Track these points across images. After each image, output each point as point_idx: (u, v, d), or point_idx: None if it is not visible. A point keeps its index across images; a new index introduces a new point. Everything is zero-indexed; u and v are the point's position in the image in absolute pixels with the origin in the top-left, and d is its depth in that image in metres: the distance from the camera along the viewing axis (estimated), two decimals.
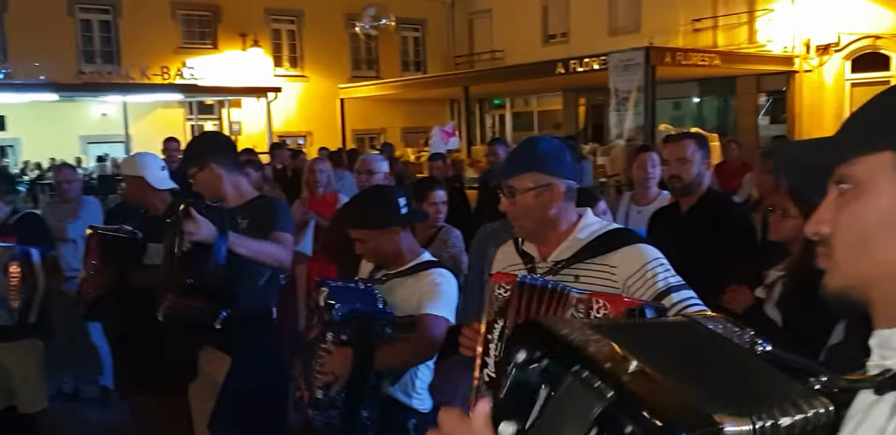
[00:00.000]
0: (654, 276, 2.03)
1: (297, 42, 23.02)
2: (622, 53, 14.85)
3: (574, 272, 2.11)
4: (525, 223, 2.18)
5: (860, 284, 0.84)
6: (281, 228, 3.13)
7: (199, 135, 4.14)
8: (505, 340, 1.85)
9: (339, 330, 2.48)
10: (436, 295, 2.66)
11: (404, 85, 21.36)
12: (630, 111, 14.81)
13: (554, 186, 2.14)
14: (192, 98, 20.58)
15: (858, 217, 0.84)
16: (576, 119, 22.61)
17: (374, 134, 23.73)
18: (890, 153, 0.83)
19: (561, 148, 2.23)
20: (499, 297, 1.92)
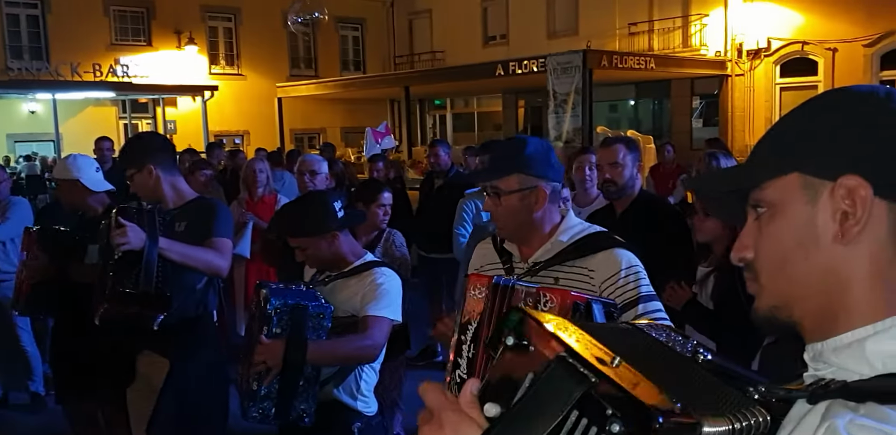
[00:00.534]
0: (626, 283, 2.05)
1: (234, 40, 22.68)
2: (560, 56, 15.02)
3: (553, 274, 2.11)
4: (508, 224, 2.17)
5: (784, 304, 0.87)
6: (219, 233, 3.07)
7: (137, 135, 4.01)
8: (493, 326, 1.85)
9: (273, 322, 2.45)
10: (378, 295, 2.65)
11: (344, 84, 21.22)
12: (568, 113, 15.00)
13: (539, 189, 2.11)
14: (125, 96, 20.07)
15: (774, 239, 0.87)
16: (515, 120, 22.81)
17: (314, 134, 23.52)
18: (796, 175, 0.85)
19: (548, 149, 2.21)
20: (473, 297, 1.91)
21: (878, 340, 0.78)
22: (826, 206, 0.83)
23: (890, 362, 0.76)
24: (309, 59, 24.15)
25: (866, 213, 0.81)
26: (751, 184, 0.90)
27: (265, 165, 5.50)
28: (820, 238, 0.83)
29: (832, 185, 0.82)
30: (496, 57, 18.45)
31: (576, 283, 2.08)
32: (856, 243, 0.82)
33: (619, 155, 3.64)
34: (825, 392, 0.76)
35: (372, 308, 2.62)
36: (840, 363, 0.80)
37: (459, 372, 1.91)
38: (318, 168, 4.61)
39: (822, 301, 0.84)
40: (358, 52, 25.40)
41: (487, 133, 22.66)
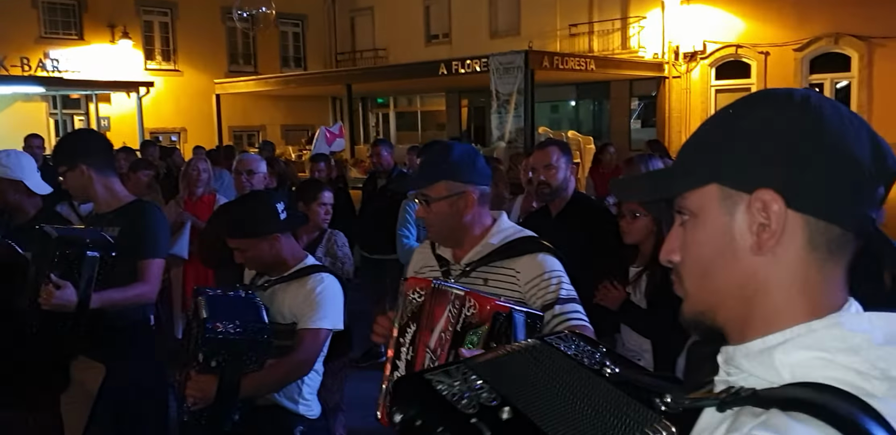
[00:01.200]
0: (547, 286, 2.11)
1: (171, 35, 22.17)
2: (502, 56, 15.11)
3: (483, 275, 2.16)
4: (440, 230, 2.21)
5: (708, 309, 0.89)
6: (149, 253, 3.01)
7: (73, 132, 3.84)
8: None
9: (209, 355, 2.39)
10: (316, 305, 2.61)
11: (284, 81, 20.94)
12: (511, 113, 15.11)
13: (468, 194, 2.17)
14: (56, 92, 19.42)
15: (696, 247, 0.89)
16: (459, 120, 22.88)
17: (253, 131, 23.19)
18: (715, 186, 0.86)
19: (474, 154, 2.26)
20: (412, 301, 1.94)
21: (787, 349, 0.79)
22: (743, 218, 0.84)
23: (798, 371, 0.77)
24: (248, 54, 23.77)
25: (780, 226, 0.82)
26: (670, 194, 0.91)
27: (207, 165, 5.39)
28: (738, 249, 0.85)
29: (749, 198, 0.83)
30: (439, 56, 18.47)
31: (503, 283, 2.14)
32: (772, 254, 0.83)
33: (553, 157, 3.70)
34: (734, 400, 0.77)
35: (308, 320, 2.60)
36: (750, 370, 0.81)
37: (398, 374, 1.92)
38: (256, 167, 4.51)
39: (742, 309, 0.86)
40: (298, 49, 25.11)
41: (431, 132, 22.67)
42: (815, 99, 0.85)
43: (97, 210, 3.15)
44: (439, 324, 1.85)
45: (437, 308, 1.87)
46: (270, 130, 23.18)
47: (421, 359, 1.87)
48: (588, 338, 1.04)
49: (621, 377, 0.91)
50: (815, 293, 0.82)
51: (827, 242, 0.82)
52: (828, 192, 0.81)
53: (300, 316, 2.62)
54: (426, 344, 1.86)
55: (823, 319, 0.80)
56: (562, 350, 0.97)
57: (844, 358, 0.75)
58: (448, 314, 1.83)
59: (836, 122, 0.82)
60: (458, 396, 0.89)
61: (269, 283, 2.73)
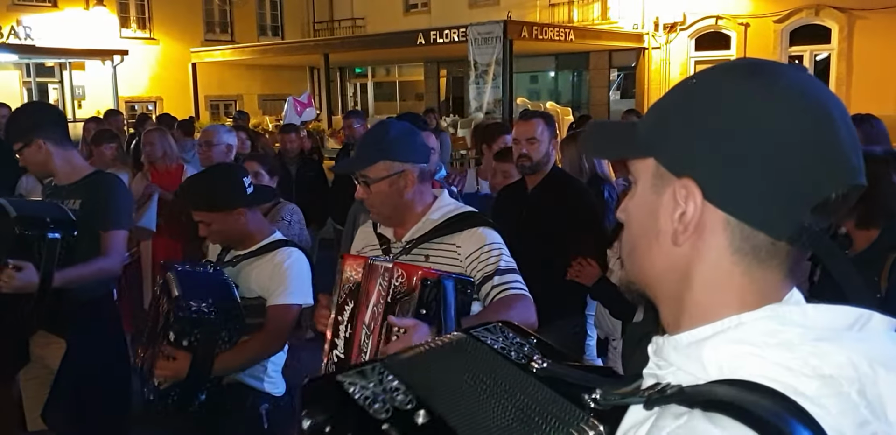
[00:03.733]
0: (487, 258, 2.12)
1: (146, 2, 21.73)
2: (481, 26, 14.96)
3: (424, 252, 2.17)
4: (382, 210, 2.21)
5: (638, 283, 0.86)
6: (112, 224, 2.97)
7: (23, 106, 3.73)
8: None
9: (182, 334, 2.37)
10: (283, 280, 2.60)
11: (261, 50, 20.65)
12: (489, 84, 15.01)
13: (407, 172, 2.16)
14: (29, 59, 19.03)
15: (628, 220, 0.86)
16: (437, 90, 22.72)
17: (230, 101, 22.91)
18: (653, 160, 0.81)
19: (412, 132, 2.24)
20: (350, 278, 1.95)
21: (715, 343, 0.74)
22: (668, 202, 0.79)
23: (727, 367, 0.72)
24: (225, 23, 23.38)
25: (694, 221, 0.77)
26: (617, 156, 0.88)
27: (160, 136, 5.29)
28: (661, 234, 0.80)
29: (676, 182, 0.78)
30: (418, 25, 18.26)
31: (445, 258, 2.15)
32: (693, 249, 0.78)
33: (538, 130, 3.63)
34: (660, 397, 0.72)
35: (278, 296, 2.58)
36: (679, 364, 0.76)
37: (337, 352, 1.94)
38: (216, 139, 4.42)
39: (668, 292, 0.82)
40: (276, 17, 24.72)
41: (409, 103, 22.53)
42: (787, 81, 0.75)
43: (57, 182, 3.10)
44: (372, 298, 1.87)
45: (371, 284, 1.88)
46: (248, 100, 22.90)
47: (358, 336, 1.89)
48: (518, 328, 1.01)
49: (550, 372, 0.87)
50: (744, 291, 0.77)
51: (753, 248, 0.76)
52: (758, 196, 0.74)
53: (269, 292, 2.60)
54: (363, 320, 1.88)
55: (755, 311, 0.74)
56: (488, 344, 0.93)
57: (775, 354, 0.70)
58: (379, 287, 1.86)
59: (799, 117, 0.73)
60: (372, 399, 0.86)
61: (237, 258, 2.72)
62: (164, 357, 2.39)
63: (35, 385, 3.14)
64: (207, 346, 2.39)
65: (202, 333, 2.38)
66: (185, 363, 2.37)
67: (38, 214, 2.83)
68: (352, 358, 1.89)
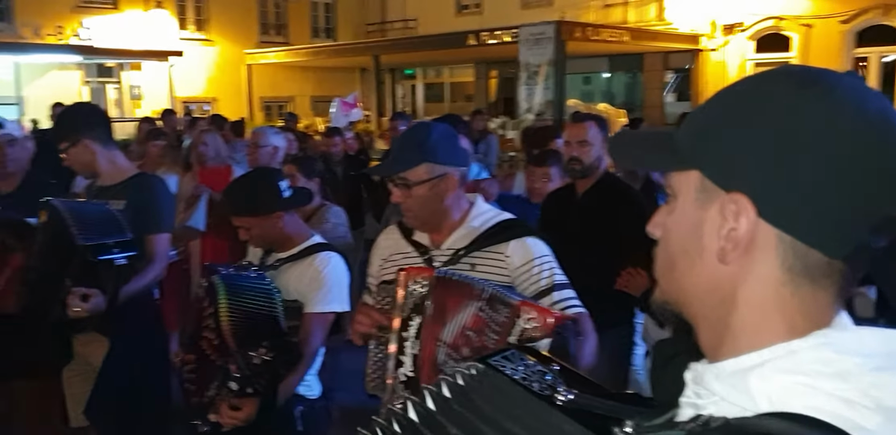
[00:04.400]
0: (539, 272, 2.05)
1: (203, 4, 22.11)
2: (533, 27, 14.85)
3: (471, 260, 2.09)
4: (419, 215, 2.13)
5: (674, 303, 0.80)
6: (157, 227, 3.01)
7: (70, 106, 3.81)
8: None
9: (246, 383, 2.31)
10: (321, 286, 2.58)
11: (314, 52, 20.86)
12: (540, 85, 14.89)
13: (448, 176, 2.09)
14: (90, 60, 19.54)
15: (667, 236, 0.80)
16: (487, 92, 22.64)
17: (283, 102, 23.17)
18: (697, 173, 0.75)
19: (452, 135, 2.18)
20: (414, 292, 1.88)
21: (764, 372, 0.68)
22: (715, 218, 0.73)
23: (777, 399, 0.66)
24: (279, 25, 23.68)
25: (747, 239, 0.71)
26: (655, 168, 0.83)
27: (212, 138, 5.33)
28: (705, 251, 0.74)
29: (724, 197, 0.72)
30: (469, 26, 18.21)
31: (492, 268, 2.08)
32: (740, 267, 0.72)
33: (589, 133, 3.52)
34: (703, 431, 0.66)
35: (317, 303, 2.57)
36: (723, 394, 0.70)
37: (403, 371, 1.86)
38: (262, 141, 4.43)
39: (709, 314, 0.76)
40: (329, 19, 24.94)
41: (459, 104, 22.48)
42: (844, 91, 0.70)
43: (101, 183, 3.13)
44: (458, 319, 1.78)
45: (450, 300, 1.81)
46: (300, 101, 23.14)
47: (430, 352, 1.81)
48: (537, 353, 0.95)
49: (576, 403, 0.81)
50: (793, 313, 0.71)
51: (806, 267, 0.71)
52: (816, 212, 0.69)
53: (308, 298, 2.58)
54: (437, 337, 1.80)
55: (806, 338, 0.69)
56: (507, 374, 0.86)
57: (830, 384, 0.65)
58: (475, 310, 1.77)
59: (861, 130, 0.68)
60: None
61: (278, 262, 2.70)
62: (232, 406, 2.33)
63: (78, 382, 3.17)
64: (272, 386, 2.37)
65: (266, 379, 2.35)
66: (253, 409, 2.32)
67: (103, 237, 2.78)
68: (423, 378, 1.82)
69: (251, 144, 4.55)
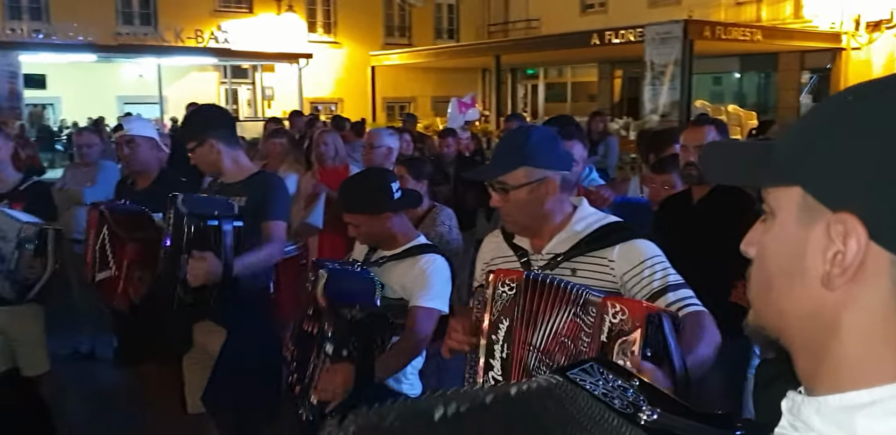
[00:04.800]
0: (651, 274, 1.95)
1: (332, 8, 22.84)
2: (660, 26, 14.50)
3: (571, 266, 2.04)
4: (519, 219, 2.10)
5: (770, 328, 0.74)
6: (274, 215, 3.09)
7: (197, 108, 4.00)
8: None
9: (340, 344, 2.38)
10: (426, 284, 2.59)
11: (436, 53, 21.15)
12: (665, 86, 14.53)
13: (548, 180, 2.04)
14: (226, 62, 20.57)
15: (763, 255, 0.74)
16: (611, 92, 22.23)
17: (405, 102, 23.59)
18: (799, 189, 0.68)
19: (554, 138, 2.14)
20: (503, 295, 1.85)
21: (875, 413, 0.63)
22: (819, 239, 0.66)
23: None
24: (403, 27, 24.14)
25: (856, 263, 0.64)
26: (751, 183, 0.77)
27: (332, 138, 5.48)
28: (808, 274, 0.68)
29: (830, 217, 0.66)
30: (594, 26, 17.95)
31: (595, 274, 2.01)
32: (847, 293, 0.66)
33: (708, 137, 3.38)
34: None
35: (420, 298, 2.58)
36: (823, 431, 0.65)
37: (493, 374, 1.84)
38: (377, 142, 4.51)
39: (808, 341, 0.70)
40: (452, 21, 25.21)
41: (581, 104, 22.18)
42: None
43: (223, 180, 3.26)
44: (550, 323, 1.74)
45: (540, 303, 1.76)
46: (421, 102, 23.49)
47: (520, 357, 1.77)
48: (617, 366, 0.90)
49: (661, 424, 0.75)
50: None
51: None
52: None
53: (411, 294, 2.61)
54: (527, 341, 1.77)
55: None
56: (587, 389, 0.81)
57: None
58: (575, 319, 1.70)
59: None
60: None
61: (382, 259, 2.75)
62: (330, 371, 2.37)
63: (197, 369, 3.29)
64: (366, 351, 2.39)
65: (359, 340, 2.38)
66: (349, 375, 2.34)
67: (208, 209, 2.97)
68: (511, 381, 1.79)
69: (366, 145, 4.64)
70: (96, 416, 4.89)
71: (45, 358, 4.05)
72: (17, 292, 3.63)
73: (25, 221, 3.58)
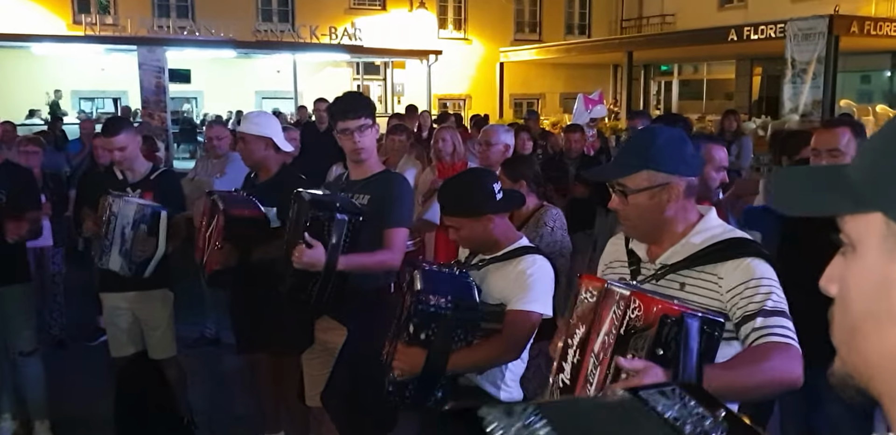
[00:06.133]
0: (752, 295, 1.81)
1: (463, 4, 22.97)
2: (803, 21, 13.72)
3: (681, 279, 1.93)
4: (637, 224, 1.99)
5: (858, 376, 0.66)
6: (395, 222, 3.07)
7: (356, 93, 4.03)
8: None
9: (420, 327, 2.38)
10: (525, 287, 2.51)
11: (566, 49, 20.90)
12: (807, 84, 13.76)
13: (672, 185, 1.93)
14: (359, 59, 21.07)
15: (846, 290, 0.66)
16: (749, 89, 21.23)
17: (533, 99, 23.43)
18: (881, 216, 0.62)
19: (682, 140, 2.01)
20: (584, 301, 1.79)
21: None
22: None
23: None
24: (534, 23, 23.99)
25: None
26: (823, 211, 0.68)
27: (450, 134, 5.48)
28: (894, 310, 0.61)
29: None
30: (732, 21, 17.19)
31: (703, 289, 1.88)
32: None
33: (842, 140, 3.12)
34: None
35: (520, 301, 2.50)
36: None
37: (563, 376, 1.78)
38: (494, 139, 4.46)
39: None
40: (584, 16, 24.82)
41: (717, 102, 21.34)
42: None
43: (351, 176, 3.28)
44: (604, 327, 1.68)
45: (605, 310, 1.69)
46: (549, 99, 23.25)
47: (586, 365, 1.71)
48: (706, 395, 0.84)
49: None
50: None
51: None
52: None
53: (510, 297, 2.54)
54: (592, 349, 1.71)
55: None
56: (658, 411, 0.78)
57: None
58: (612, 316, 1.65)
59: None
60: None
61: (482, 262, 2.70)
62: (402, 351, 2.42)
63: (317, 364, 3.34)
64: (443, 341, 2.38)
65: (439, 327, 2.37)
66: (421, 357, 2.37)
67: (329, 200, 3.00)
68: (577, 388, 1.74)
69: (482, 143, 4.60)
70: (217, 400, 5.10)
71: (172, 342, 4.23)
72: (135, 271, 3.83)
73: (140, 203, 3.78)
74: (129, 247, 3.77)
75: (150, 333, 4.15)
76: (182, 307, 4.46)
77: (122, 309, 4.10)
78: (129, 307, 4.09)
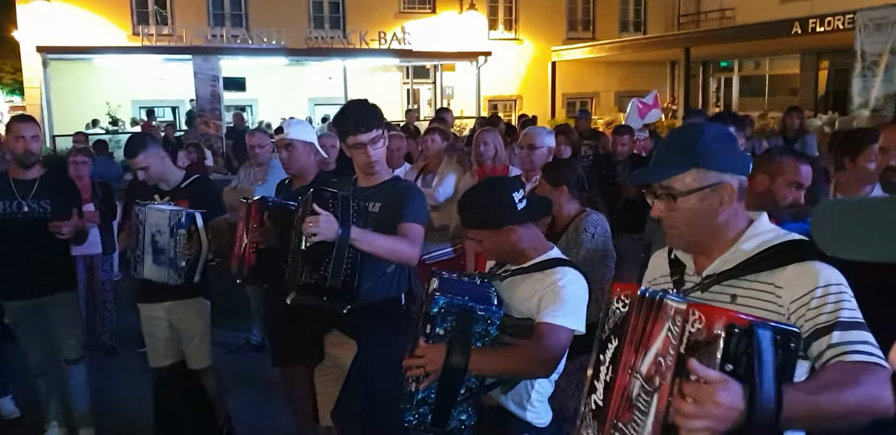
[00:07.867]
0: (821, 305, 1.56)
1: (513, 4, 22.74)
2: (873, 11, 13.16)
3: (731, 290, 1.69)
4: (685, 232, 1.76)
5: None
6: (411, 218, 2.96)
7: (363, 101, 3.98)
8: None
9: (437, 322, 2.21)
10: (557, 300, 2.29)
11: (620, 47, 20.47)
12: (879, 77, 13.19)
13: (725, 185, 1.72)
14: (408, 62, 21.05)
15: None
16: (815, 85, 20.45)
17: (586, 98, 23.06)
18: None
19: (730, 137, 1.80)
20: (616, 312, 1.57)
21: None
22: None
23: None
24: (587, 20, 23.61)
25: None
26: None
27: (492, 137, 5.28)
28: None
29: None
30: (795, 13, 16.55)
31: (758, 301, 1.64)
32: None
33: None
34: None
35: (549, 315, 2.27)
36: None
37: (595, 397, 1.56)
38: (539, 142, 4.26)
39: None
40: (639, 13, 24.34)
41: (780, 99, 20.62)
42: None
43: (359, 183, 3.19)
44: (655, 344, 1.43)
45: (650, 323, 1.46)
46: (604, 97, 22.86)
47: (622, 382, 1.48)
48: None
49: None
50: None
51: None
52: None
53: (541, 309, 2.31)
54: (631, 366, 1.48)
55: None
56: None
57: None
58: (668, 334, 1.41)
59: None
60: None
61: (508, 272, 2.49)
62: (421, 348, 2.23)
63: (329, 381, 3.24)
64: (462, 333, 2.20)
65: (458, 319, 2.20)
66: (441, 352, 2.17)
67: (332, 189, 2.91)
68: (610, 409, 1.51)
69: (525, 146, 4.39)
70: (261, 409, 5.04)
71: (209, 352, 4.22)
72: (184, 278, 3.80)
73: (172, 210, 3.77)
74: (173, 255, 3.73)
75: (188, 342, 4.15)
76: (228, 314, 4.42)
77: (160, 319, 4.10)
78: (167, 317, 4.09)
